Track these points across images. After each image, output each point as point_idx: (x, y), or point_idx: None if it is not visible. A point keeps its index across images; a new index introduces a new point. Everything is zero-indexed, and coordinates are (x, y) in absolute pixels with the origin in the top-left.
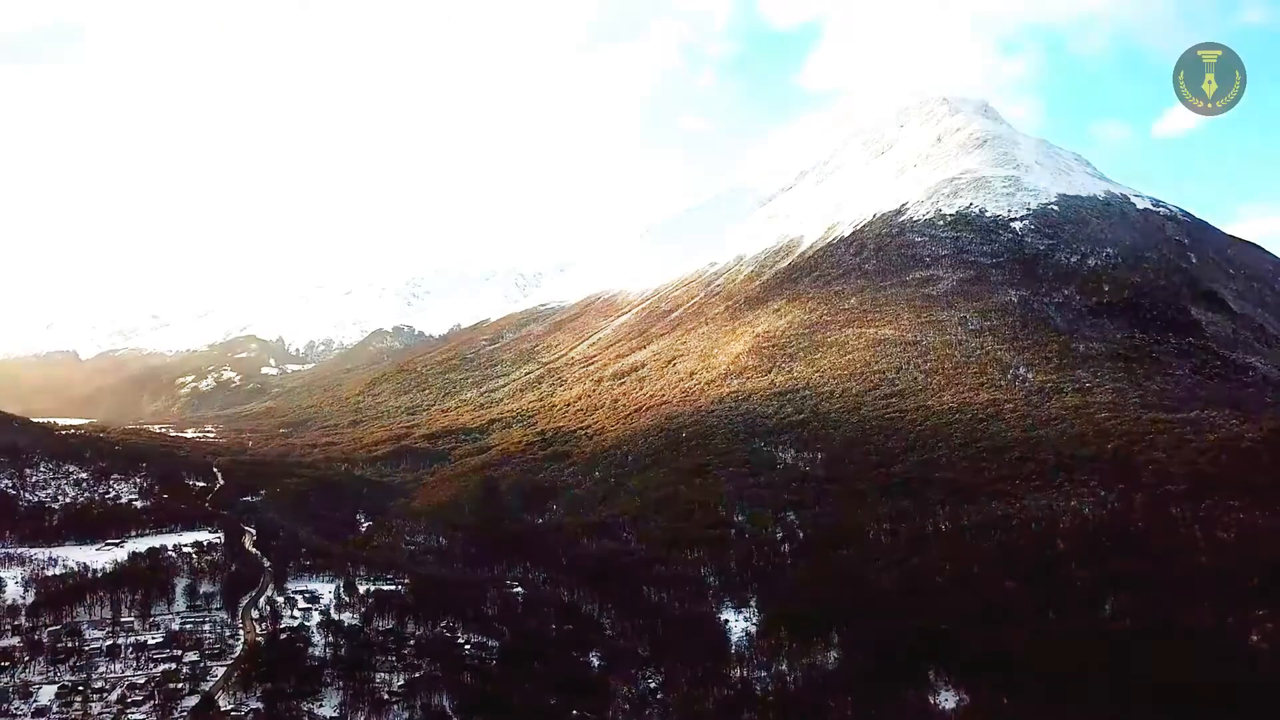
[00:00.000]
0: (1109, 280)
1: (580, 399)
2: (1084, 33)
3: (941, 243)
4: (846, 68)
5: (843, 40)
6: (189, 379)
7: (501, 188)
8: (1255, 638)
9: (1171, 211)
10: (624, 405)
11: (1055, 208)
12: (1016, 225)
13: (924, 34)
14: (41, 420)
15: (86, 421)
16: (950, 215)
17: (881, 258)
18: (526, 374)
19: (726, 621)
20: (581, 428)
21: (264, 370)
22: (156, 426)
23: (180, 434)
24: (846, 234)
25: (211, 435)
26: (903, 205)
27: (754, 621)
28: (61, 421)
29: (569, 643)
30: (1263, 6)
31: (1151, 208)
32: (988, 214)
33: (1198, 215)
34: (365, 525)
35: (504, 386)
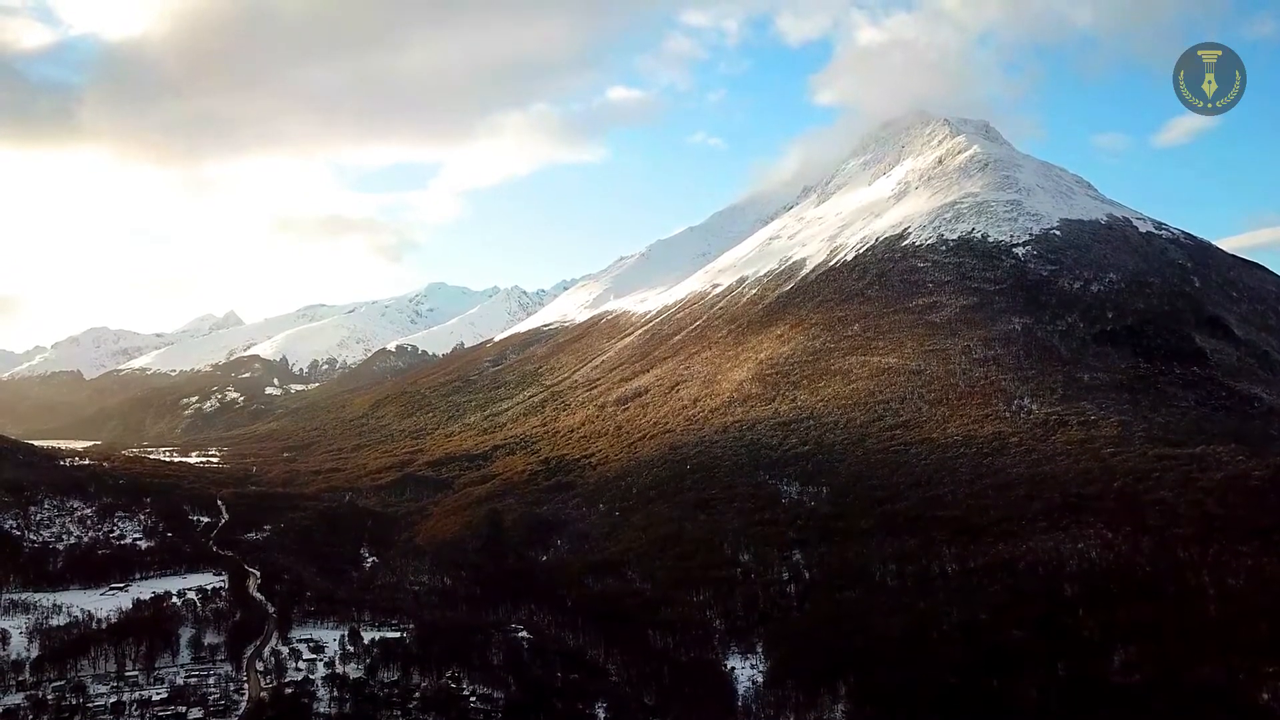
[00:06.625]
0: (1112, 307)
1: (583, 424)
2: (1087, 50)
3: (944, 269)
4: (853, 85)
5: (850, 58)
6: (193, 400)
7: (502, 202)
8: (1265, 696)
9: (1174, 234)
10: (627, 432)
11: (1057, 232)
12: (1019, 251)
13: (930, 54)
14: (45, 444)
15: (90, 444)
16: (953, 241)
17: (884, 283)
18: (529, 397)
19: (733, 669)
20: (585, 456)
21: (268, 390)
22: (160, 451)
23: (184, 458)
24: (849, 258)
25: (215, 460)
26: (905, 230)
27: (760, 669)
28: (65, 446)
29: (574, 692)
30: (1271, 18)
31: (1154, 230)
32: (990, 239)
33: (1200, 234)
34: (369, 561)
35: (507, 410)
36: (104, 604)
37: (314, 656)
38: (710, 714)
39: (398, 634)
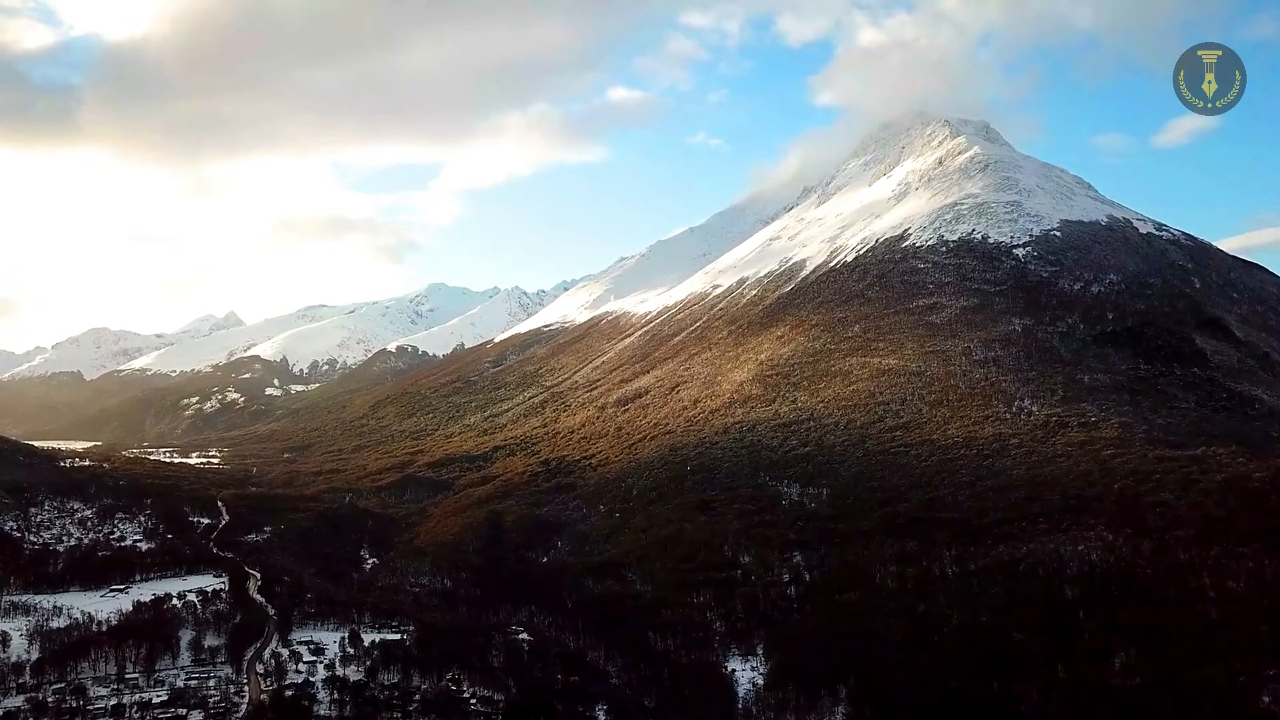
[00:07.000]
0: (1112, 308)
1: (584, 425)
2: (1087, 50)
3: (944, 270)
4: (853, 86)
5: (850, 59)
6: (193, 400)
7: (502, 202)
8: (1267, 699)
9: (1175, 235)
10: (628, 433)
11: (1058, 234)
12: (1019, 252)
13: (930, 55)
14: (45, 444)
15: (90, 445)
16: (953, 242)
17: (885, 285)
18: (530, 398)
19: (733, 671)
20: (585, 457)
21: (268, 391)
22: (161, 451)
23: (184, 459)
24: (850, 259)
25: (215, 460)
26: (905, 231)
27: (761, 671)
28: (65, 446)
29: (575, 695)
30: (1271, 18)
31: (1155, 231)
32: (990, 240)
33: (1200, 234)
34: (370, 563)
35: (508, 411)
36: (104, 606)
37: (314, 659)
38: (710, 716)
39: (398, 636)
